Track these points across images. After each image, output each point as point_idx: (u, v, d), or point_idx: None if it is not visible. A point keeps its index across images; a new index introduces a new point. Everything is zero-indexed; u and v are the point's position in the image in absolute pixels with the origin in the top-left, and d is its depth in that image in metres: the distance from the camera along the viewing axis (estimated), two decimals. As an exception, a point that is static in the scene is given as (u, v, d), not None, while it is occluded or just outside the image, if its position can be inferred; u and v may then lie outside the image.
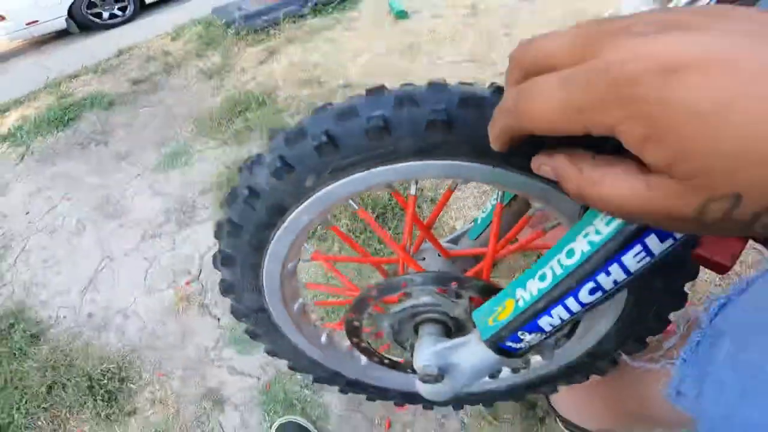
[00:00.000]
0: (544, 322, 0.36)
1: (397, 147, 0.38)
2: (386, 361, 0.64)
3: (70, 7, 4.85)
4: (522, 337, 0.38)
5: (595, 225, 0.31)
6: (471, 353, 0.44)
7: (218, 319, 1.31)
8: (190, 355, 1.26)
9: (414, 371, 0.49)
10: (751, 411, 0.33)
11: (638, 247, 0.29)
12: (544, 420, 0.94)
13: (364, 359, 0.69)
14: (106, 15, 5.03)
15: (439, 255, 0.56)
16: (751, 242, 0.42)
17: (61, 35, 5.18)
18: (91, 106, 2.58)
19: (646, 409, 0.60)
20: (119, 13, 5.10)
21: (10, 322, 1.46)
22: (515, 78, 0.24)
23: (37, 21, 4.80)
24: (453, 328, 0.52)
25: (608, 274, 0.31)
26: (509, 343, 0.39)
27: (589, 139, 0.21)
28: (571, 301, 0.34)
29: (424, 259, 0.57)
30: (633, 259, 0.30)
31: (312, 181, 0.40)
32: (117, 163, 2.08)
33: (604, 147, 0.22)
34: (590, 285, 0.32)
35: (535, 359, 0.63)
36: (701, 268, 0.41)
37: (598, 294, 0.33)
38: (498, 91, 0.37)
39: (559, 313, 0.35)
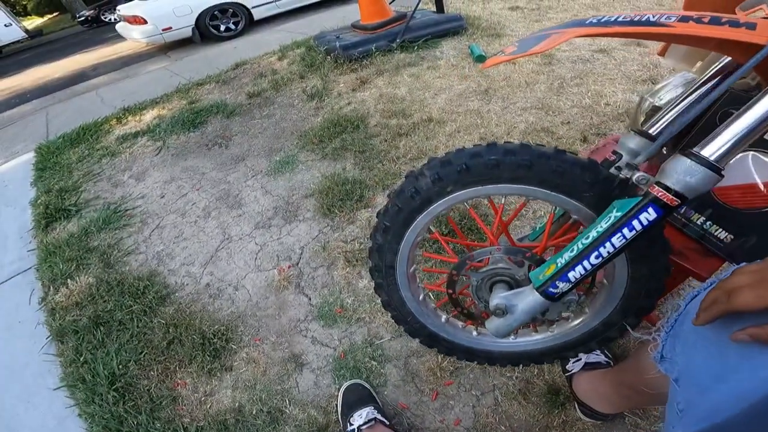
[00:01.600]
0: (571, 275, 0.67)
1: (501, 176, 0.72)
2: (466, 312, 0.96)
3: (198, 18, 5.63)
4: (558, 284, 0.69)
5: (600, 224, 0.65)
6: (526, 297, 0.74)
7: (309, 299, 1.56)
8: (283, 325, 1.48)
9: (482, 322, 0.81)
10: (696, 357, 0.53)
11: (618, 234, 0.62)
12: (565, 404, 1.12)
13: (444, 316, 1.01)
14: (222, 28, 5.81)
15: (510, 245, 0.89)
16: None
17: (183, 43, 6.00)
18: (216, 113, 3.08)
19: (640, 378, 0.79)
20: (233, 27, 5.86)
21: (145, 284, 1.74)
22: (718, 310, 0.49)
23: (171, 28, 5.63)
24: (514, 287, 0.84)
25: (604, 247, 0.64)
26: (551, 289, 0.70)
27: None
28: (585, 263, 0.66)
29: (500, 246, 0.90)
30: (617, 240, 0.63)
31: (451, 188, 0.76)
32: (236, 164, 2.49)
33: None
34: (596, 253, 0.65)
35: (562, 327, 0.92)
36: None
37: (600, 259, 0.65)
38: (558, 151, 0.71)
39: (579, 269, 0.67)
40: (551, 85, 2.64)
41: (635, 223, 0.61)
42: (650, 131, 0.85)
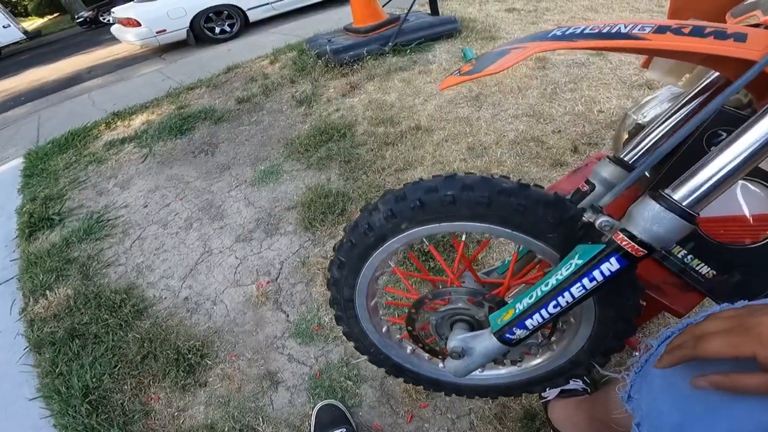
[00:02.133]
0: (528, 322, 0.62)
1: (459, 213, 0.66)
2: (427, 348, 0.91)
3: (192, 20, 5.60)
4: (515, 331, 0.64)
5: (561, 270, 0.59)
6: (484, 341, 0.70)
7: (287, 315, 1.54)
8: (259, 342, 1.46)
9: (443, 358, 0.76)
10: (660, 402, 0.51)
11: (578, 284, 0.57)
12: (540, 430, 1.10)
13: (410, 348, 0.96)
14: (217, 30, 5.77)
15: (474, 280, 0.84)
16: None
17: (178, 45, 5.97)
18: (204, 118, 3.05)
19: (609, 412, 0.79)
20: (228, 29, 5.82)
21: (122, 297, 1.72)
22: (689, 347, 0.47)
23: (165, 30, 5.59)
24: (475, 327, 0.79)
25: (563, 297, 0.58)
26: (508, 335, 0.65)
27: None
28: (543, 311, 0.61)
29: (464, 281, 0.85)
30: (576, 290, 0.57)
31: (405, 225, 0.70)
32: (221, 173, 2.46)
33: None
34: (554, 302, 0.59)
35: (529, 362, 0.88)
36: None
37: (558, 308, 0.60)
38: (521, 186, 0.64)
39: (536, 317, 0.62)
40: (544, 90, 2.59)
41: (596, 273, 0.55)
42: (628, 156, 0.80)
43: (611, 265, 0.54)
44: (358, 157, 2.26)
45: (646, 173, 0.91)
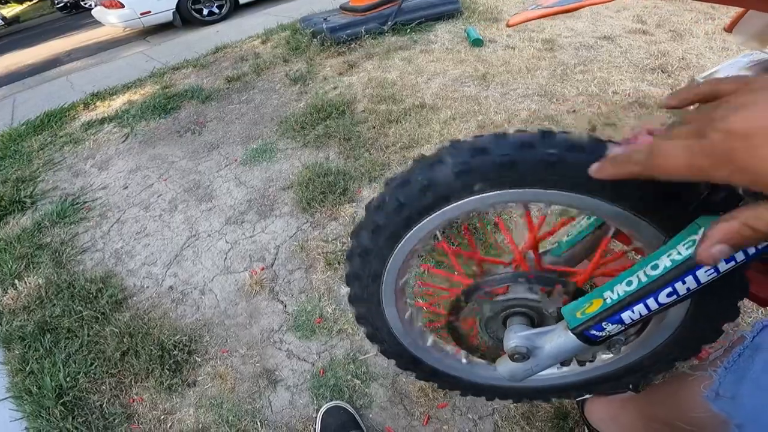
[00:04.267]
0: (626, 315, 0.48)
1: (557, 179, 0.50)
2: (473, 344, 0.75)
3: (178, 1, 5.35)
4: (605, 327, 0.50)
5: (677, 249, 0.44)
6: (556, 339, 0.56)
7: (285, 306, 1.41)
8: (254, 336, 1.34)
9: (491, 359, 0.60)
10: None
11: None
12: (574, 430, 1.00)
13: (430, 339, 0.80)
14: (205, 12, 5.52)
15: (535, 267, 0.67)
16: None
17: (163, 28, 5.72)
18: (191, 98, 2.86)
19: (679, 415, 0.67)
20: (217, 11, 5.59)
21: (98, 286, 1.57)
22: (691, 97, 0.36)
23: (149, 12, 5.34)
24: (536, 320, 0.63)
25: (684, 282, 0.44)
26: (593, 332, 0.51)
27: None
28: (650, 301, 0.46)
29: (529, 270, 0.68)
30: (704, 274, 0.43)
31: (480, 187, 0.52)
32: (209, 152, 2.29)
33: None
34: (668, 290, 0.45)
35: (601, 357, 0.73)
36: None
37: (673, 297, 0.45)
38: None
39: (639, 309, 0.47)
40: (554, 71, 2.49)
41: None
42: None
43: None
44: (358, 134, 2.11)
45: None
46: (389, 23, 3.23)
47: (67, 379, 1.29)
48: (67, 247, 1.84)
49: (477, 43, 2.88)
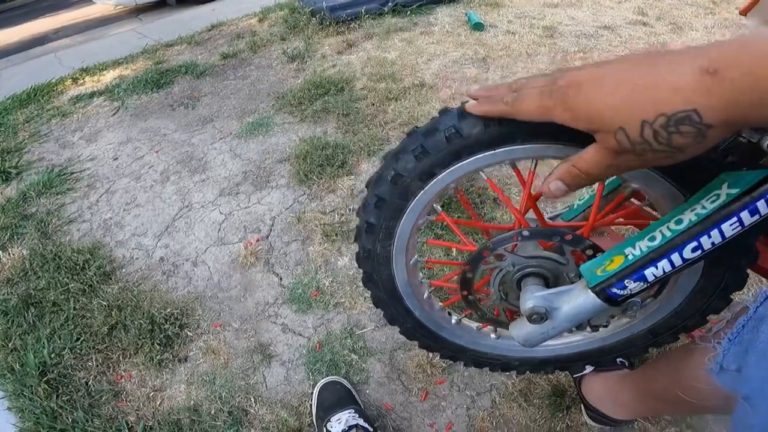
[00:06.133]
0: (649, 272, 0.46)
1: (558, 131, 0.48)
2: (487, 314, 0.73)
3: (173, -20, 5.19)
4: (627, 284, 0.48)
5: (702, 203, 0.44)
6: (575, 298, 0.53)
7: (280, 279, 1.38)
8: (248, 309, 1.31)
9: (504, 326, 0.58)
10: None
11: (734, 219, 0.42)
12: (570, 408, 0.99)
13: (454, 318, 0.76)
14: (201, -10, 5.36)
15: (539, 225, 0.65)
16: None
17: (157, 6, 5.58)
18: (185, 73, 2.78)
19: (680, 390, 0.66)
20: (212, -10, 5.42)
21: (86, 257, 1.51)
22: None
23: (143, -11, 5.17)
24: (551, 282, 0.61)
25: (709, 236, 0.43)
26: (615, 290, 0.49)
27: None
28: (675, 256, 0.45)
29: (531, 227, 0.66)
30: (729, 227, 0.42)
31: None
32: (203, 125, 2.23)
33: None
34: (693, 244, 0.44)
35: (615, 323, 0.71)
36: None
37: (698, 252, 0.44)
38: None
39: (663, 265, 0.46)
40: (554, 57, 2.47)
41: (761, 204, 0.40)
42: None
43: None
44: (357, 110, 2.07)
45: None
46: (390, 4, 3.18)
47: (52, 356, 1.24)
48: (53, 218, 1.78)
49: (478, 27, 2.84)
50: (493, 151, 0.51)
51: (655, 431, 0.95)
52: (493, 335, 0.78)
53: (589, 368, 0.97)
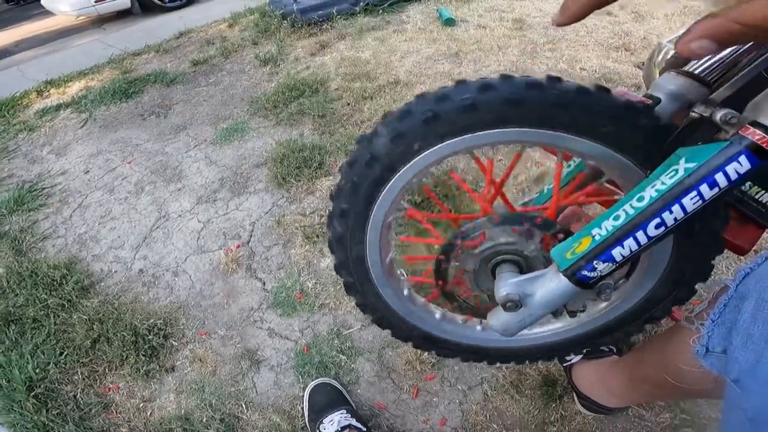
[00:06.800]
0: (617, 252, 0.47)
1: (525, 117, 0.50)
2: (465, 305, 0.72)
3: (138, -13, 5.05)
4: (596, 266, 0.48)
5: (661, 179, 0.44)
6: (548, 283, 0.53)
7: (263, 283, 1.37)
8: (233, 316, 1.30)
9: (484, 317, 0.58)
10: None
11: (693, 193, 0.42)
12: (563, 397, 1.00)
13: (438, 314, 0.76)
14: (167, -3, 5.26)
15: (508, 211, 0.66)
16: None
17: (121, 16, 5.43)
18: (154, 82, 2.72)
19: (668, 374, 0.66)
20: (179, -4, 5.32)
21: (63, 273, 1.50)
22: None
23: (104, -1, 5.03)
24: (525, 268, 0.61)
25: (671, 212, 0.44)
26: (585, 272, 0.49)
27: None
28: (640, 234, 0.45)
29: (497, 213, 0.67)
30: (690, 202, 0.43)
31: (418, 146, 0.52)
32: (176, 134, 2.18)
33: None
34: (656, 221, 0.44)
35: (593, 308, 0.71)
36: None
37: (662, 229, 0.45)
38: (601, 88, 0.49)
39: (629, 244, 0.46)
40: (524, 49, 2.51)
41: (719, 177, 0.42)
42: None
43: (740, 166, 0.41)
44: (333, 111, 2.06)
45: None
46: (361, 4, 3.19)
47: (37, 371, 1.23)
48: (27, 235, 1.73)
49: (449, 22, 2.87)
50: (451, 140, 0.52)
51: (649, 417, 0.96)
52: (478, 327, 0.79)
53: (576, 357, 0.97)
